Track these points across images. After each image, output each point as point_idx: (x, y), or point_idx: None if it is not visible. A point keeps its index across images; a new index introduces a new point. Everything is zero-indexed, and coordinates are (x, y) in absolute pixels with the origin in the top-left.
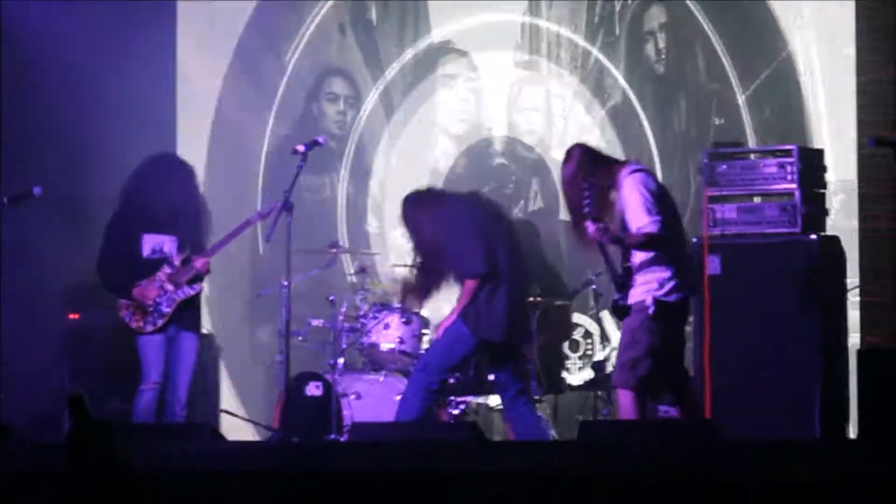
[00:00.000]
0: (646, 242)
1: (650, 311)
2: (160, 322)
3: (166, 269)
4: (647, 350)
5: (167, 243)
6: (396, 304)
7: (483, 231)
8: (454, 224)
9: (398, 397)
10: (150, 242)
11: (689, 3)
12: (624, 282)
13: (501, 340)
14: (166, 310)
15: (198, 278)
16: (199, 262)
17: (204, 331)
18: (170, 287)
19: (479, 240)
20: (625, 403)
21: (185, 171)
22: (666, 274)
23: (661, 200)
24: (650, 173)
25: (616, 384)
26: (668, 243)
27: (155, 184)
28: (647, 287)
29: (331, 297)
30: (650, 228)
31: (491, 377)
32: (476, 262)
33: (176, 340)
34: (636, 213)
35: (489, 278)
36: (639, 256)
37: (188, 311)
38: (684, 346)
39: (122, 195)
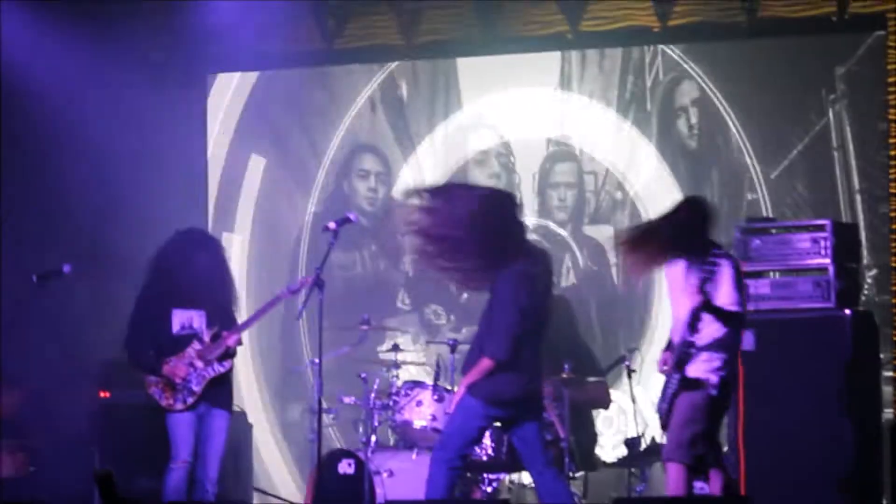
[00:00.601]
0: (733, 319)
1: (714, 390)
2: (190, 400)
3: (196, 346)
4: (705, 429)
5: (196, 318)
6: (429, 383)
7: (526, 310)
8: (509, 285)
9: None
10: (180, 318)
11: (721, 79)
12: (685, 358)
13: (505, 412)
14: (196, 388)
15: (228, 355)
16: (230, 339)
17: (235, 408)
18: (199, 364)
19: (517, 323)
20: (677, 478)
21: (213, 244)
22: (726, 355)
23: None
24: None
25: (670, 458)
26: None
27: (183, 258)
28: (712, 365)
29: (362, 375)
30: (740, 308)
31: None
32: (502, 347)
33: (206, 418)
34: (729, 290)
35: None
36: (710, 334)
37: (219, 388)
38: None
39: (149, 270)
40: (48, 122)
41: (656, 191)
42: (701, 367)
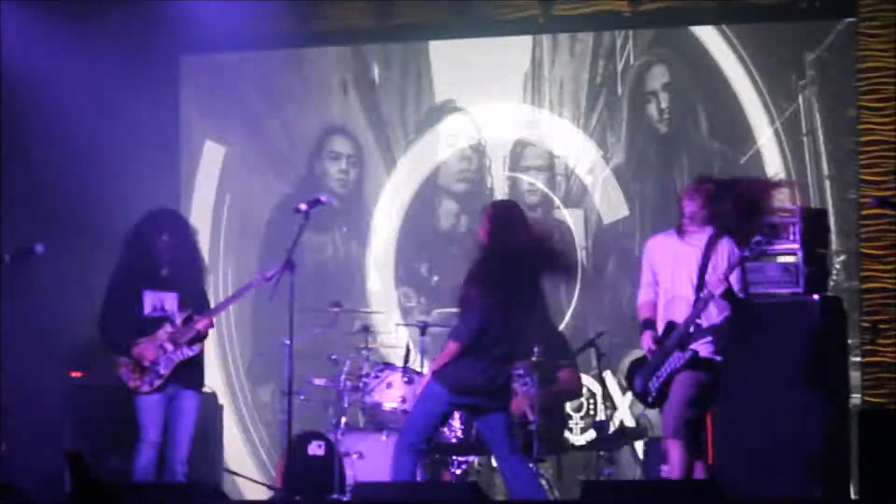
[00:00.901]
0: (738, 306)
1: (718, 372)
2: (157, 383)
3: (167, 328)
4: (705, 410)
5: (168, 300)
6: (399, 364)
7: (493, 303)
8: (477, 284)
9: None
10: (151, 300)
11: (691, 63)
12: (689, 337)
13: (478, 402)
14: (164, 371)
15: (199, 338)
16: (200, 324)
17: (206, 389)
18: (169, 347)
19: (483, 314)
20: (681, 458)
21: (182, 225)
22: (724, 338)
23: None
24: None
25: (675, 436)
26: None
27: (151, 239)
28: (714, 347)
29: (333, 356)
30: (744, 295)
31: (482, 435)
32: (466, 330)
33: (176, 399)
34: (739, 276)
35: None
36: (716, 315)
37: (189, 370)
38: None
39: (122, 251)
40: (22, 104)
41: (626, 175)
42: (708, 348)
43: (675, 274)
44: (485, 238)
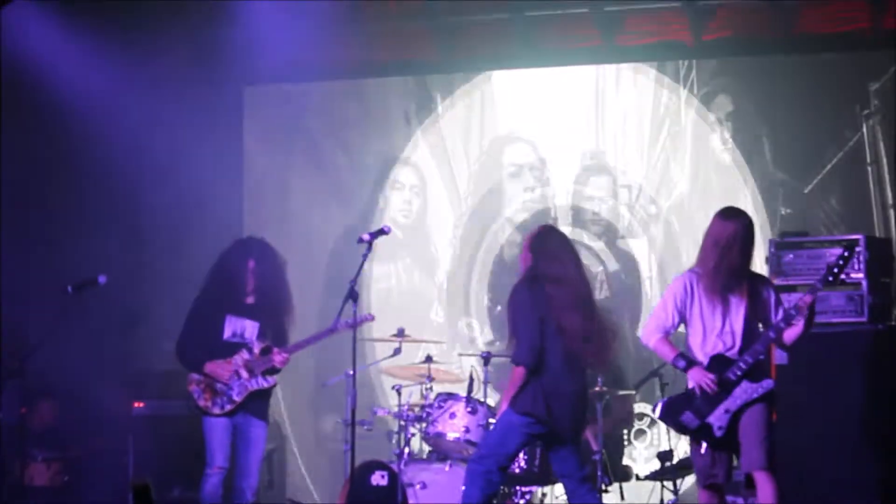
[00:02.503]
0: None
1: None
2: (228, 407)
3: (245, 355)
4: None
5: (249, 328)
6: (462, 394)
7: (545, 322)
8: (521, 306)
9: (464, 487)
10: (232, 325)
11: (755, 93)
12: (757, 371)
13: (557, 431)
14: (237, 397)
15: (274, 371)
16: (278, 358)
17: (270, 419)
18: (244, 374)
19: (533, 331)
20: (774, 489)
21: (274, 257)
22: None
23: None
24: None
25: (767, 468)
26: None
27: (242, 266)
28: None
29: (396, 387)
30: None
31: (553, 465)
32: (522, 351)
33: (245, 428)
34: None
35: (539, 370)
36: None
37: (258, 400)
38: None
39: (209, 274)
40: (88, 134)
41: (690, 205)
42: (769, 381)
43: (725, 309)
44: (525, 261)
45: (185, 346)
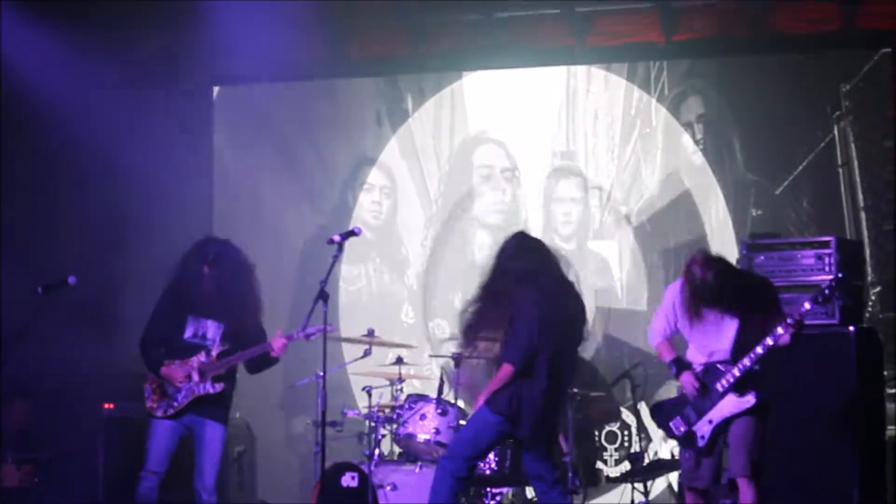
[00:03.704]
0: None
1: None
2: (170, 411)
3: (202, 357)
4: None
5: (211, 329)
6: (432, 396)
7: (544, 326)
8: (527, 306)
9: (433, 483)
10: (193, 326)
11: (726, 95)
12: (744, 384)
13: (532, 435)
14: (182, 400)
15: (222, 377)
16: (276, 343)
17: (240, 420)
18: (196, 377)
19: (532, 334)
20: (755, 497)
21: (237, 259)
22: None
23: None
24: None
25: (750, 476)
26: None
27: (198, 269)
28: (759, 389)
29: (366, 388)
30: None
31: (525, 466)
32: (517, 351)
33: (199, 429)
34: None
35: (526, 372)
36: (762, 353)
37: (214, 403)
38: None
39: (171, 275)
40: (56, 137)
41: (661, 206)
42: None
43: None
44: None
45: (147, 345)
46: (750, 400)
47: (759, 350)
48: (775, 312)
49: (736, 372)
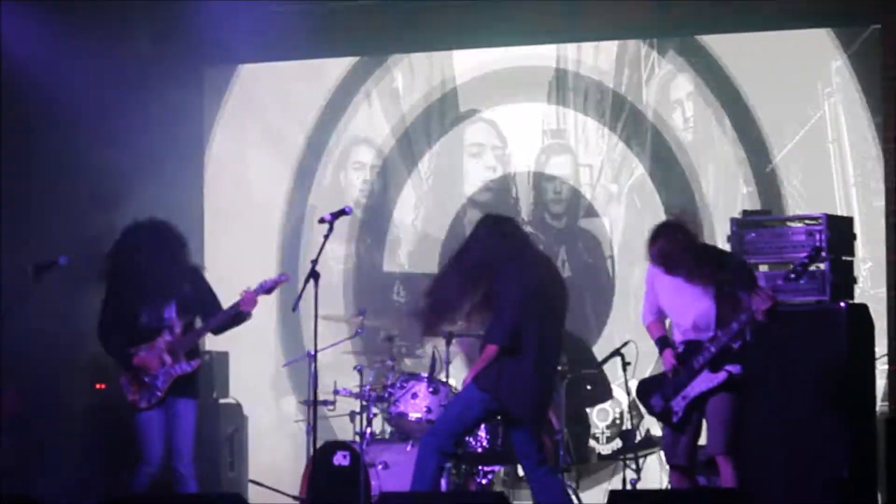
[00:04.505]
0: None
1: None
2: (154, 400)
3: (167, 337)
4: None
5: (165, 309)
6: (424, 374)
7: (527, 304)
8: (511, 285)
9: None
10: (146, 312)
11: (716, 72)
12: (720, 361)
13: (520, 413)
14: (163, 386)
15: (195, 353)
16: (245, 302)
17: (231, 399)
18: (168, 359)
19: (516, 312)
20: (733, 473)
21: (167, 236)
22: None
23: None
24: None
25: (727, 453)
26: None
27: (127, 257)
28: (741, 362)
29: (358, 367)
30: None
31: (513, 445)
32: (502, 332)
33: (172, 406)
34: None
35: (512, 351)
36: (737, 329)
37: (184, 381)
38: None
39: (109, 268)
40: (45, 118)
41: (651, 184)
42: (738, 367)
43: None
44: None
45: (105, 341)
46: (721, 376)
47: (734, 326)
48: (751, 288)
49: (712, 348)
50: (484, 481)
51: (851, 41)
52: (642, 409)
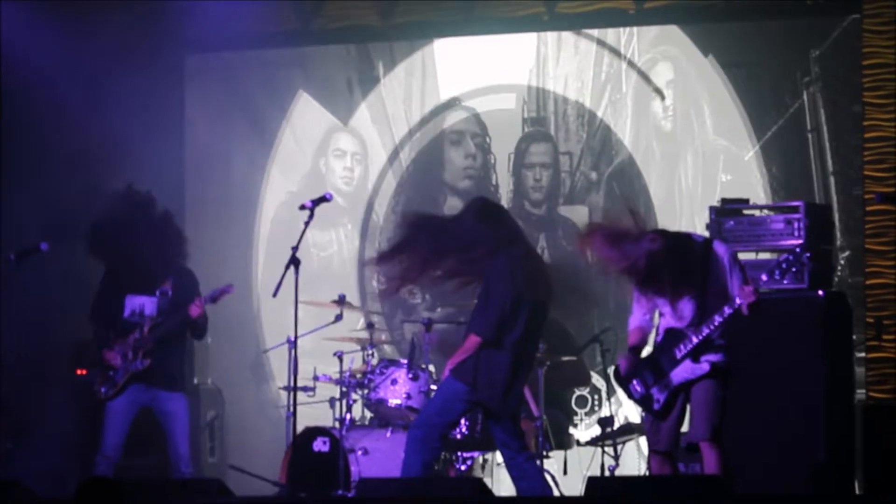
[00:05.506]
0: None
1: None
2: (110, 392)
3: (136, 334)
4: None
5: (147, 305)
6: (403, 361)
7: (515, 302)
8: (501, 283)
9: (404, 454)
10: (131, 304)
11: (695, 60)
12: (700, 351)
13: (497, 406)
14: (119, 379)
15: (148, 352)
16: (194, 309)
17: (211, 385)
18: (130, 355)
19: (504, 309)
20: (718, 461)
21: (159, 229)
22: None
23: None
24: None
25: (712, 440)
26: None
27: (138, 244)
28: (725, 352)
29: (338, 353)
30: None
31: (492, 433)
32: (487, 326)
33: (159, 405)
34: (737, 275)
35: (493, 342)
36: (720, 322)
37: (163, 376)
38: None
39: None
40: (24, 103)
41: (631, 172)
42: (720, 357)
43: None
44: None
45: (95, 329)
46: (704, 367)
47: (717, 319)
48: (735, 280)
49: (694, 339)
50: (463, 468)
51: (831, 31)
52: (620, 396)
